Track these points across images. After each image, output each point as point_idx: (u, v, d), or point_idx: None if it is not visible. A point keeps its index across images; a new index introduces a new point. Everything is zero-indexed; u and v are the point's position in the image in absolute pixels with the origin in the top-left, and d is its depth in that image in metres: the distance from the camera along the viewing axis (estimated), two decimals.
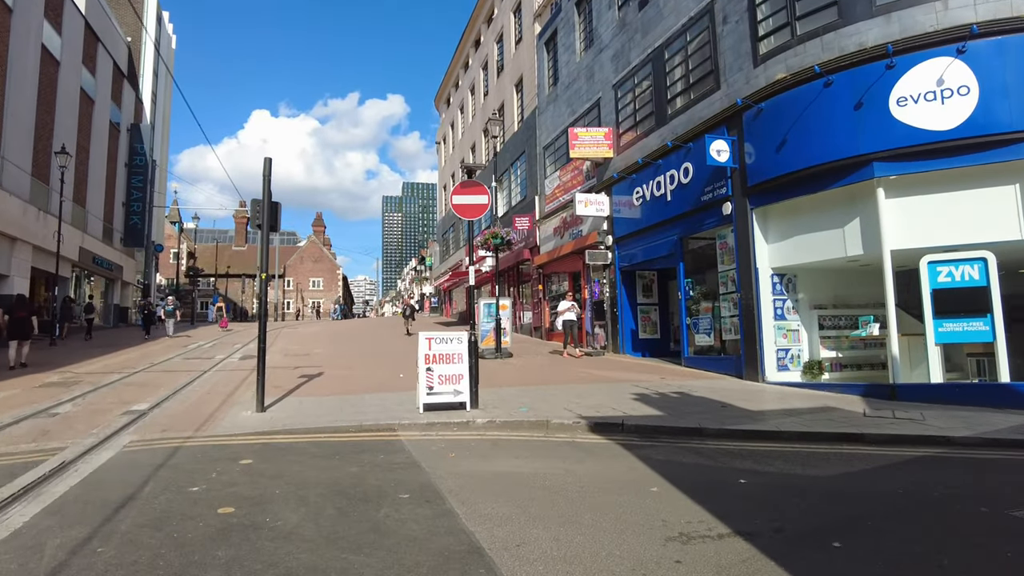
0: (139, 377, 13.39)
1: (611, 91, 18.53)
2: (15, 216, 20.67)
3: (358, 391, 11.39)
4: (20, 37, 21.09)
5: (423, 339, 9.08)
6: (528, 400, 9.95)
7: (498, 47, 30.76)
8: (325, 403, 10.04)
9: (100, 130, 29.06)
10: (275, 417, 8.80)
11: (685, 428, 8.00)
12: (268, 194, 9.63)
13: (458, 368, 8.99)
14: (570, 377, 13.25)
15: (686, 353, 14.87)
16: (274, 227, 9.92)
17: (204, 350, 20.24)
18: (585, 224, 19.31)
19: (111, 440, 7.48)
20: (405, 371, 14.01)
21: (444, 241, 45.98)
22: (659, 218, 15.66)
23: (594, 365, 15.28)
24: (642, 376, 13.30)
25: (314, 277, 78.28)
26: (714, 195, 13.60)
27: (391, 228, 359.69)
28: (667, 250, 15.41)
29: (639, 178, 16.56)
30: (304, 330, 32.23)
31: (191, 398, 10.72)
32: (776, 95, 12.07)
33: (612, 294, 17.89)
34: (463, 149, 38.11)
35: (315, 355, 18.50)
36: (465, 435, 7.86)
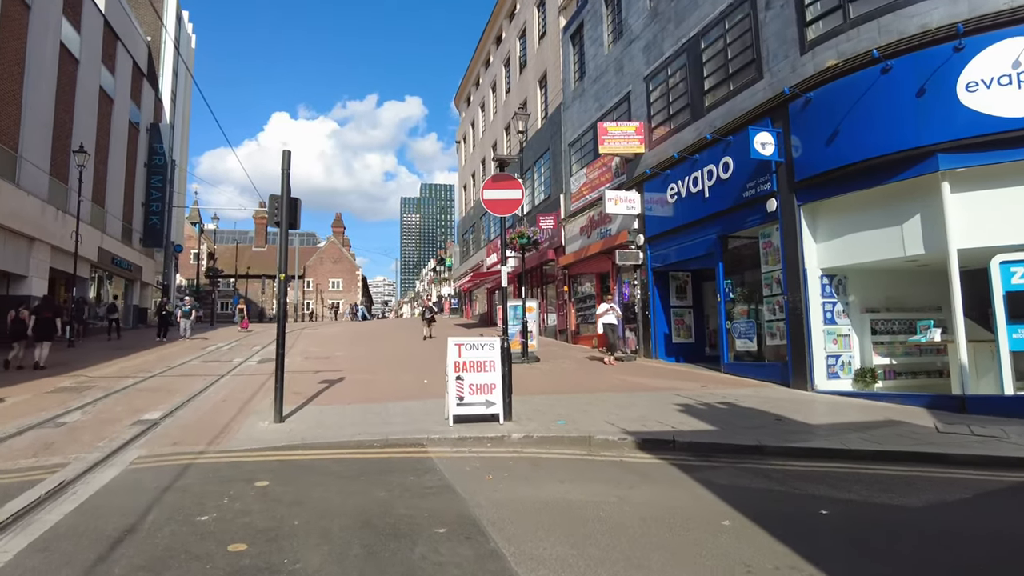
0: (154, 382, 12.87)
1: (642, 84, 17.76)
2: (33, 216, 20.36)
3: (382, 398, 10.75)
4: (38, 34, 20.79)
5: (452, 345, 8.41)
6: (564, 411, 9.23)
7: (520, 43, 30.07)
8: (347, 412, 9.41)
9: (119, 129, 28.81)
10: (294, 429, 8.17)
11: (744, 446, 7.23)
12: (287, 189, 9.02)
13: (490, 377, 8.30)
14: (604, 384, 12.52)
15: (725, 359, 14.06)
16: (293, 224, 9.30)
17: (222, 352, 19.77)
18: (614, 223, 18.55)
19: (117, 455, 6.89)
20: (430, 376, 13.38)
21: (464, 242, 45.38)
22: (696, 216, 14.87)
23: (627, 371, 14.53)
24: (681, 384, 12.52)
25: (334, 278, 78.14)
26: (757, 191, 12.78)
27: (409, 229, 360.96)
28: (704, 249, 14.61)
29: (673, 174, 15.77)
30: (325, 331, 31.79)
31: (205, 406, 10.14)
32: (826, 83, 11.24)
33: (644, 296, 17.10)
34: (484, 148, 37.47)
35: (336, 358, 17.94)
36: (500, 452, 7.16)
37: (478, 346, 8.42)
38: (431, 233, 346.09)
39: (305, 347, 21.72)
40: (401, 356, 18.59)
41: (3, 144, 18.92)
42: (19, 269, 20.19)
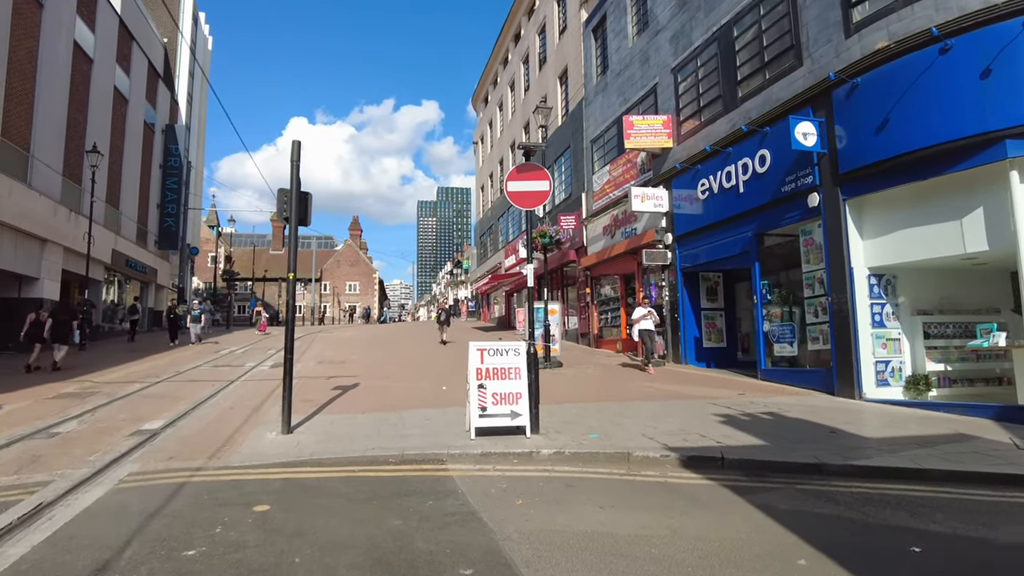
0: (160, 388, 12.30)
1: (670, 76, 16.97)
2: (45, 217, 19.98)
3: (397, 407, 10.07)
4: (51, 33, 20.45)
5: (474, 351, 7.69)
6: (595, 423, 8.48)
7: (540, 39, 29.38)
8: (360, 423, 8.73)
9: (134, 130, 28.50)
10: (302, 442, 7.49)
11: (801, 464, 6.44)
12: (296, 182, 8.37)
13: (515, 385, 7.58)
14: (634, 392, 11.74)
15: (763, 364, 13.21)
16: (304, 220, 8.65)
17: (235, 356, 19.24)
18: (640, 221, 17.76)
19: (107, 471, 6.25)
20: (448, 383, 12.70)
21: (481, 244, 44.74)
22: (729, 213, 14.06)
23: (658, 378, 13.73)
24: (717, 391, 11.71)
25: (350, 281, 77.83)
26: (797, 185, 11.96)
27: (426, 232, 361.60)
28: (739, 248, 13.79)
29: (705, 169, 14.96)
30: (340, 335, 31.25)
31: (211, 414, 9.51)
32: (875, 68, 10.41)
33: (672, 298, 16.29)
34: (502, 147, 36.80)
35: (351, 363, 17.31)
36: (529, 471, 6.42)
37: (502, 351, 7.70)
38: (447, 236, 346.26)
39: (319, 351, 21.14)
40: (418, 361, 17.92)
41: (14, 144, 18.55)
42: (31, 271, 19.81)
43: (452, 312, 25.02)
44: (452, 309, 26.24)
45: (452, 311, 24.17)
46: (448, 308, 26.06)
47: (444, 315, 23.87)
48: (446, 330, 23.23)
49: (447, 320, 23.72)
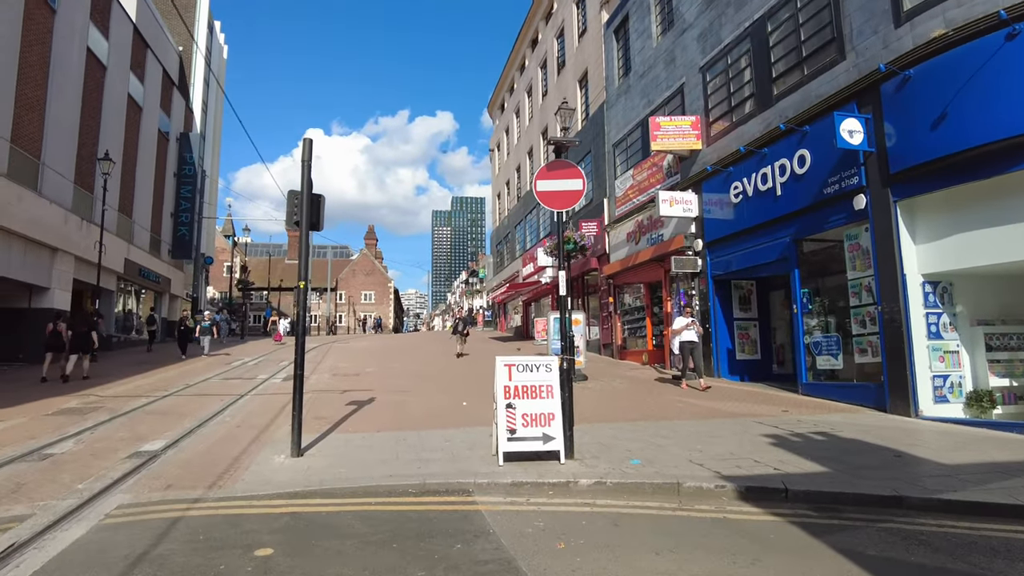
0: (166, 403, 11.68)
1: (697, 75, 16.24)
2: (55, 225, 19.57)
3: (416, 425, 9.37)
4: (64, 39, 20.12)
5: (501, 366, 6.97)
6: (634, 446, 7.72)
7: (558, 43, 28.78)
8: (377, 443, 8.03)
9: (148, 138, 28.19)
10: (313, 467, 6.80)
11: (877, 497, 5.64)
12: (308, 183, 7.73)
13: (548, 405, 6.84)
14: (669, 409, 10.95)
15: (803, 378, 12.36)
16: (316, 225, 8.01)
17: (247, 368, 18.66)
18: (667, 227, 16.99)
19: (95, 502, 5.60)
20: (468, 398, 12.00)
21: (498, 252, 44.09)
22: (765, 217, 13.27)
23: (691, 393, 12.93)
24: (757, 408, 10.90)
25: (366, 290, 77.53)
26: (841, 186, 11.15)
27: (440, 242, 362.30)
28: (776, 254, 12.97)
29: (737, 171, 14.19)
30: (356, 345, 30.66)
31: (217, 433, 8.86)
32: (929, 59, 9.63)
33: (703, 307, 15.48)
34: (519, 154, 36.19)
35: (366, 375, 16.66)
36: (568, 504, 5.67)
37: (532, 367, 6.97)
38: (462, 246, 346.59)
39: (334, 363, 20.51)
40: (435, 374, 17.22)
41: (24, 151, 18.16)
42: (41, 280, 19.39)
43: (469, 322, 23.28)
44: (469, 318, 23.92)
45: (469, 320, 22.60)
46: (465, 317, 23.91)
47: (461, 325, 22.34)
48: (464, 341, 21.84)
49: (464, 330, 22.17)
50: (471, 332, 29.03)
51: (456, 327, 22.46)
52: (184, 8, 36.39)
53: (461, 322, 22.73)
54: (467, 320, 23.89)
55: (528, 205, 33.46)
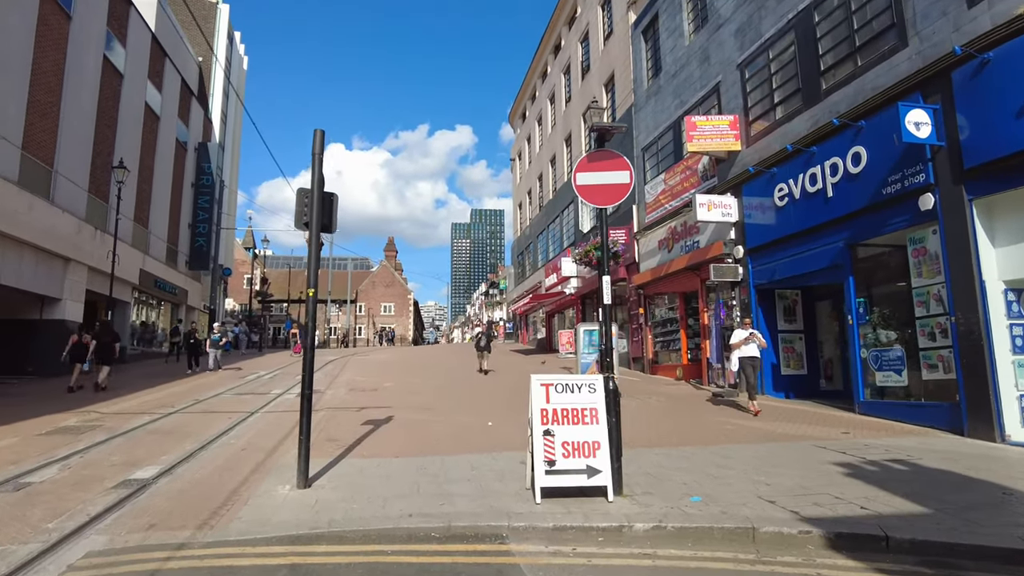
0: (170, 421, 10.90)
1: (735, 72, 15.29)
2: (68, 234, 19.06)
3: (438, 448, 8.46)
4: (80, 46, 19.73)
5: (537, 387, 6.04)
6: (689, 477, 6.73)
7: (583, 47, 27.98)
8: (395, 472, 7.12)
9: (165, 148, 27.79)
10: (321, 501, 5.91)
11: (1006, 551, 4.61)
12: (319, 179, 6.91)
13: (592, 432, 5.89)
14: (717, 431, 9.92)
15: (860, 396, 11.25)
16: (328, 226, 7.18)
17: (261, 383, 17.90)
18: (704, 233, 15.98)
19: (61, 548, 4.75)
20: (494, 417, 11.09)
21: (519, 263, 43.20)
22: (814, 221, 12.24)
23: (735, 412, 11.89)
24: (813, 430, 9.85)
25: (385, 302, 77.05)
26: (904, 185, 10.11)
27: (460, 254, 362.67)
28: (827, 261, 11.93)
29: (782, 172, 13.19)
30: (375, 358, 29.88)
31: (219, 458, 8.02)
32: (1012, 38, 8.60)
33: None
34: (541, 162, 35.37)
35: (384, 390, 15.81)
36: (623, 556, 4.69)
37: (574, 387, 6.04)
38: (481, 257, 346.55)
39: (351, 377, 19.70)
40: (457, 390, 16.32)
41: (37, 158, 17.70)
42: (52, 291, 18.86)
43: (492, 335, 21.31)
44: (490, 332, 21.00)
45: (492, 334, 21.04)
46: (489, 331, 21.55)
47: (484, 339, 20.42)
48: (487, 357, 20.05)
49: (487, 345, 20.22)
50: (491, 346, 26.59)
51: (479, 342, 20.60)
52: (204, 19, 36.25)
53: (484, 337, 20.89)
54: (490, 335, 21.55)
55: (551, 214, 32.59)
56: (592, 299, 26.21)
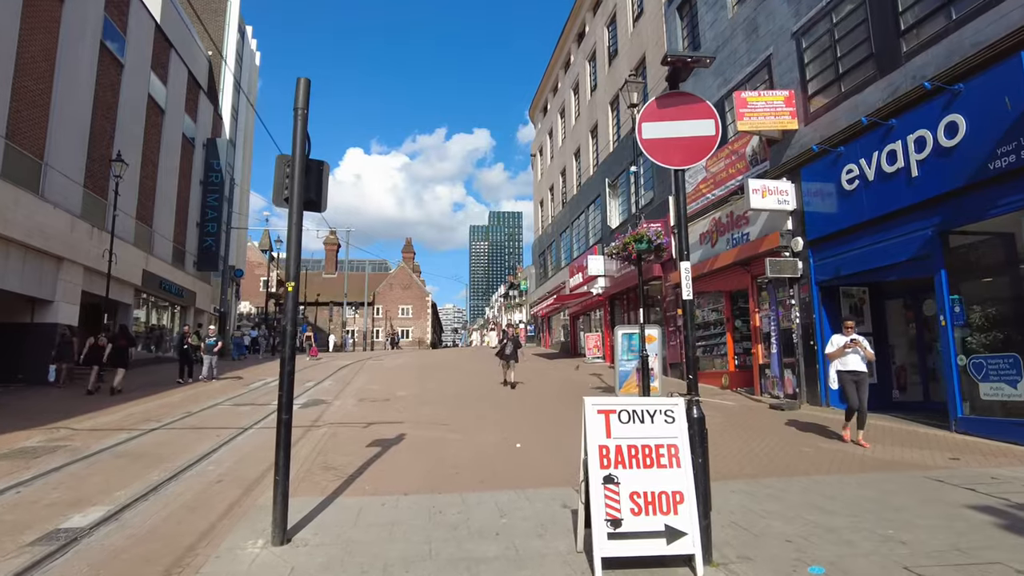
0: (148, 440, 9.42)
1: (789, 42, 13.56)
2: (60, 232, 17.75)
3: (457, 481, 6.86)
4: (74, 30, 18.45)
5: (594, 413, 4.39)
6: (792, 529, 5.04)
7: (609, 31, 26.30)
8: (402, 518, 5.51)
9: (171, 143, 26.51)
10: (299, 569, 4.32)
11: None
12: (302, 140, 5.35)
13: (672, 478, 4.23)
14: (796, 457, 8.19)
15: (959, 411, 9.44)
16: (315, 203, 5.63)
17: (267, 391, 16.44)
18: (754, 224, 14.24)
19: None
20: (522, 436, 9.49)
21: (541, 263, 41.54)
22: (893, 205, 10.48)
23: (805, 429, 10.16)
24: (909, 454, 8.11)
25: (403, 304, 75.64)
26: (1018, 158, 8.33)
27: (478, 257, 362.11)
28: (910, 252, 10.16)
29: (851, 151, 11.44)
30: (390, 363, 28.42)
31: (185, 494, 6.48)
32: None
33: (805, 320, 12.69)
34: (565, 155, 33.72)
35: (398, 400, 14.27)
36: None
37: (644, 415, 4.39)
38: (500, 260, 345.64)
39: (364, 384, 18.20)
40: (477, 400, 14.71)
41: (24, 149, 16.39)
42: (44, 293, 17.57)
43: (518, 341, 17.44)
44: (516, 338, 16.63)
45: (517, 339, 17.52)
46: (514, 335, 17.72)
47: (510, 345, 16.75)
48: (513, 367, 16.75)
49: (513, 353, 16.66)
50: None
51: (503, 348, 17.06)
52: (214, 12, 35.09)
53: (509, 343, 16.89)
54: (516, 339, 17.30)
55: (575, 210, 30.92)
56: (622, 300, 24.49)
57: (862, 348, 8.91)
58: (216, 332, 18.56)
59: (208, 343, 17.03)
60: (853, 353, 8.95)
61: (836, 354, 9.13)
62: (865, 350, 8.90)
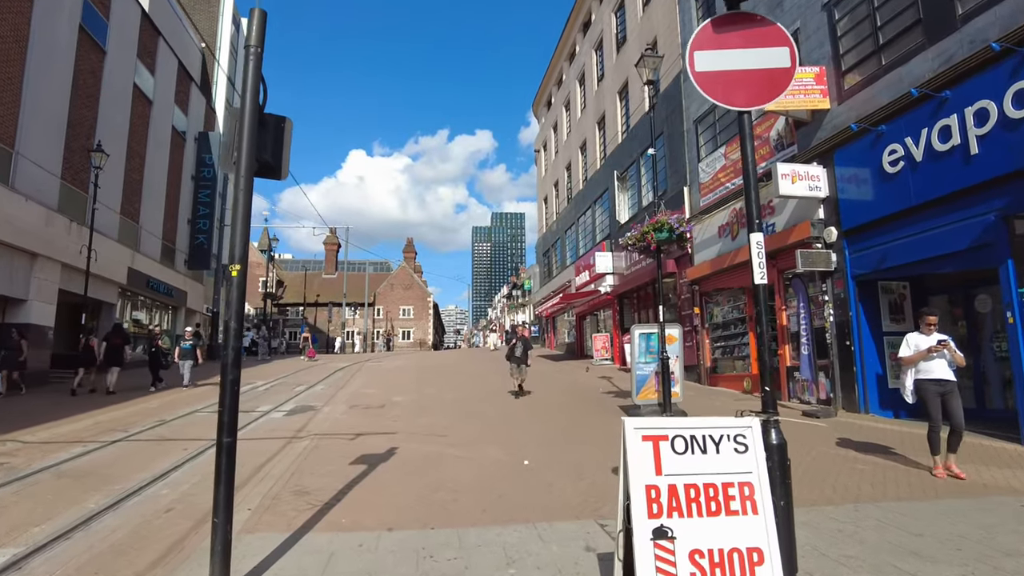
0: (103, 455, 8.26)
1: (820, 14, 12.39)
2: (34, 226, 16.60)
3: (454, 511, 5.69)
4: (48, 13, 17.30)
5: (637, 441, 3.21)
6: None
7: (617, 17, 25.12)
8: (381, 568, 4.34)
9: (160, 136, 25.37)
10: None
11: None
12: (254, 89, 4.19)
13: (746, 529, 3.06)
14: (848, 472, 6.99)
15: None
16: (271, 167, 4.50)
17: (254, 396, 15.32)
18: (781, 213, 13.05)
19: None
20: (529, 448, 8.35)
21: (545, 261, 40.35)
22: (947, 188, 9.30)
23: (849, 443, 8.97)
24: (986, 473, 6.91)
25: (404, 305, 74.43)
26: None
27: (481, 258, 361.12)
28: (968, 240, 8.96)
29: (894, 129, 10.26)
30: (389, 365, 27.29)
31: (124, 527, 5.32)
32: None
33: (841, 318, 11.50)
34: (570, 150, 32.54)
35: (393, 406, 13.12)
36: None
37: (704, 442, 3.21)
38: (502, 261, 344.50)
39: (359, 388, 17.05)
40: (479, 406, 13.56)
41: None
42: (16, 292, 16.43)
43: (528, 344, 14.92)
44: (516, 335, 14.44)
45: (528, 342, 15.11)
46: (526, 335, 15.63)
47: (520, 347, 14.54)
48: (525, 372, 14.58)
49: (524, 355, 14.46)
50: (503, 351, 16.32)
51: (512, 350, 14.76)
52: (207, 2, 33.97)
53: (520, 344, 14.64)
54: (526, 342, 14.85)
55: (581, 206, 29.75)
56: (632, 298, 23.30)
57: (951, 351, 6.98)
58: (193, 335, 17.32)
59: (184, 347, 15.81)
60: (939, 358, 6.98)
61: (916, 358, 7.11)
62: (954, 353, 6.98)
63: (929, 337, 7.15)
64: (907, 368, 7.24)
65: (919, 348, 7.12)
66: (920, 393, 7.07)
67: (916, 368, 7.13)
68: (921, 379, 7.07)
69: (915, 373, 7.14)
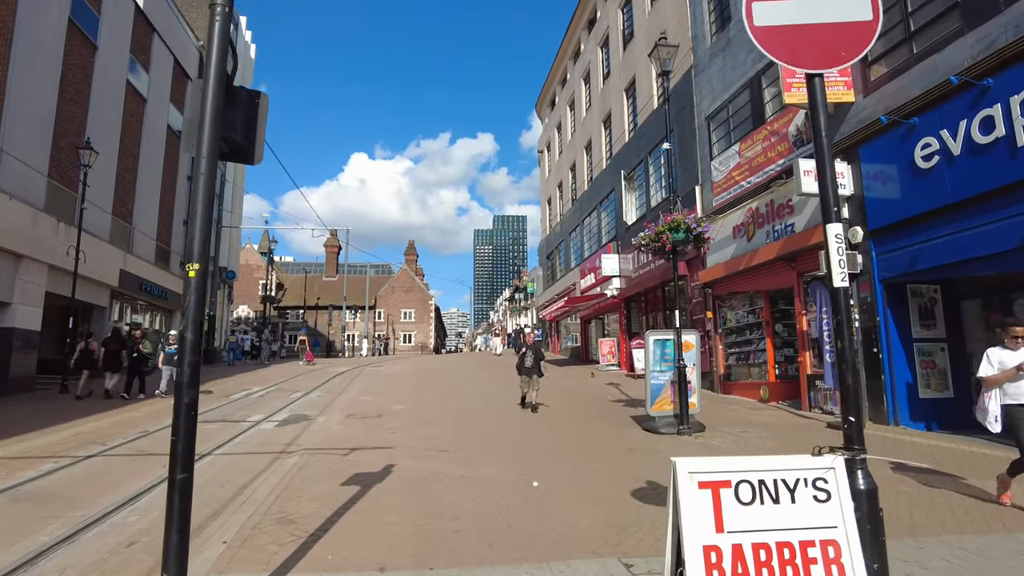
0: (75, 472, 7.60)
1: None
2: (18, 226, 15.91)
3: (455, 544, 5.00)
4: (34, 3, 16.62)
5: (691, 484, 2.52)
6: None
7: (623, 12, 24.46)
8: None
9: (154, 135, 24.70)
10: None
11: None
12: (221, 44, 3.52)
13: None
14: (900, 498, 6.28)
15: None
16: (243, 149, 3.85)
17: (247, 403, 14.70)
18: (801, 213, 12.36)
19: None
20: (537, 466, 7.67)
21: (548, 264, 39.66)
22: (989, 184, 8.61)
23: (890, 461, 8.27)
24: None
25: (406, 308, 73.76)
26: None
27: (482, 260, 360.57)
28: (1018, 239, 8.25)
29: (928, 121, 9.58)
30: (389, 370, 26.59)
31: (75, 566, 4.63)
32: None
33: (867, 323, 10.79)
34: (574, 150, 31.87)
35: (391, 416, 12.43)
36: None
37: (775, 488, 2.52)
38: (504, 264, 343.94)
39: (356, 395, 16.37)
40: (483, 416, 12.88)
41: None
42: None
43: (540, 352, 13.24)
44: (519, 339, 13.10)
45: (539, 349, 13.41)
46: (536, 342, 13.86)
47: (531, 356, 12.92)
48: (538, 384, 12.97)
49: (536, 365, 12.84)
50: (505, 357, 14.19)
51: (522, 359, 13.14)
52: None
53: (531, 353, 13.01)
54: (538, 349, 13.27)
55: (586, 208, 29.07)
56: (640, 302, 22.60)
57: None
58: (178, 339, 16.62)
59: (168, 352, 15.12)
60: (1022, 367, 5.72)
61: (1001, 379, 5.83)
62: None
63: (1016, 352, 5.85)
64: (988, 390, 5.98)
65: (1005, 366, 5.85)
66: (1010, 420, 5.81)
67: (1003, 390, 5.87)
68: (1010, 404, 5.80)
69: (1002, 397, 5.87)
